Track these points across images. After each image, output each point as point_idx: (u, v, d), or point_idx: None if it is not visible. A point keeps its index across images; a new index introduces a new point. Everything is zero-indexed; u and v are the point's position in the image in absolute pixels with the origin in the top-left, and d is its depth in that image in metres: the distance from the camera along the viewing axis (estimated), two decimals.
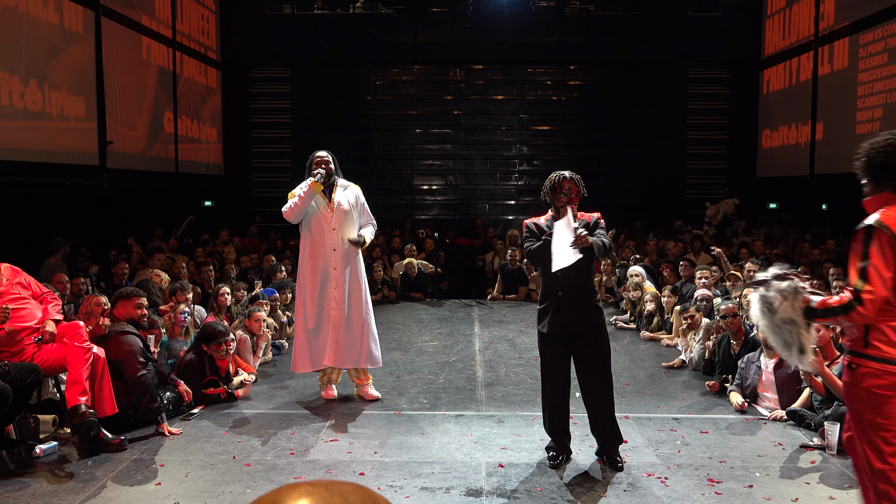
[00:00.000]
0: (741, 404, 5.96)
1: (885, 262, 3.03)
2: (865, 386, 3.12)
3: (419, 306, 10.88)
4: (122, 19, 10.31)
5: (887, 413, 3.06)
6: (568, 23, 14.60)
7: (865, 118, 10.56)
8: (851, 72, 10.90)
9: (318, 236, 6.07)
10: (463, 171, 15.35)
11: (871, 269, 3.05)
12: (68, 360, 5.09)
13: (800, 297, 3.29)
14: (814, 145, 12.02)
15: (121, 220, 10.86)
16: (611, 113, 14.70)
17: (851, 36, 10.93)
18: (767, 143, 14.05)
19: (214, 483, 4.51)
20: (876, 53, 10.30)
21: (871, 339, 3.10)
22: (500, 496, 4.35)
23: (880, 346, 3.08)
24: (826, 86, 11.76)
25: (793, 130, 12.94)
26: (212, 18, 13.96)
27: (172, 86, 12.11)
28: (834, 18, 11.46)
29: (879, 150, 3.29)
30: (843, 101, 11.10)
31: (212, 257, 10.74)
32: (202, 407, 5.99)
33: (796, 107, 12.69)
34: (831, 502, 4.27)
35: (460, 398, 6.34)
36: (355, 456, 4.98)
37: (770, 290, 3.37)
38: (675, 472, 4.70)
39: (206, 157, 13.81)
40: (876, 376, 3.09)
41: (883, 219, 3.12)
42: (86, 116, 9.32)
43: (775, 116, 13.72)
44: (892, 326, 3.09)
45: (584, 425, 5.57)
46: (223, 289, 8.00)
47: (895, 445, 3.05)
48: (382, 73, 15.23)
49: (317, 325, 6.08)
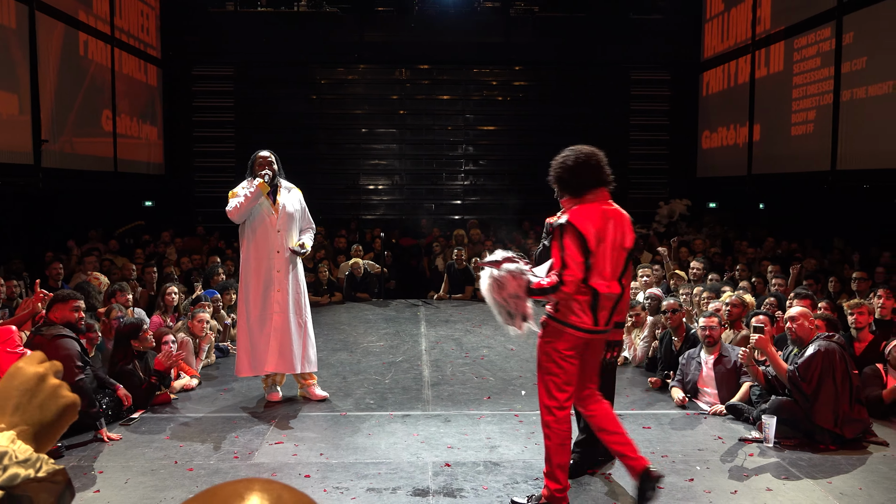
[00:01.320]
0: (682, 399, 6.09)
1: (575, 250, 3.86)
2: (551, 340, 4.00)
3: (365, 307, 10.83)
4: (57, 14, 10.01)
5: (559, 364, 3.97)
6: (513, 24, 14.71)
7: (800, 119, 10.87)
8: (786, 75, 11.21)
9: (261, 238, 5.98)
10: (409, 170, 15.32)
11: (567, 258, 3.87)
12: (1, 367, 4.92)
13: (524, 277, 3.96)
14: (751, 146, 12.33)
15: (58, 220, 10.57)
16: (555, 113, 14.82)
17: (786, 40, 11.24)
18: (707, 143, 14.36)
19: (156, 489, 4.42)
20: (809, 57, 10.61)
21: (561, 307, 3.97)
22: (446, 495, 4.35)
23: (566, 312, 3.95)
24: (763, 88, 12.07)
25: (731, 131, 13.25)
26: (152, 15, 13.67)
27: (111, 83, 11.82)
28: (770, 23, 11.77)
29: (558, 168, 4.11)
30: (779, 102, 11.41)
31: (153, 258, 10.51)
32: (142, 411, 5.86)
33: (734, 108, 13.00)
34: (769, 493, 4.39)
35: (407, 398, 6.33)
36: (301, 458, 4.93)
37: (501, 271, 3.97)
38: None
39: (146, 156, 13.51)
40: (560, 336, 3.97)
41: (570, 218, 3.92)
42: (19, 114, 9.02)
43: (714, 118, 14.03)
44: (580, 300, 3.92)
45: (531, 423, 5.62)
46: (170, 288, 7.87)
47: (563, 390, 3.99)
48: (327, 73, 15.11)
49: (259, 328, 6.00)
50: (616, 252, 4.01)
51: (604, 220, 3.97)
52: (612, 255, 3.99)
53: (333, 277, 11.37)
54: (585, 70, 14.90)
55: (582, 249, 3.88)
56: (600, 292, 3.93)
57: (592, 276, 3.92)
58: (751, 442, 5.23)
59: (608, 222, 3.98)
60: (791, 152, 11.07)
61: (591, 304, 3.94)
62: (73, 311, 5.57)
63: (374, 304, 10.97)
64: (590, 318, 3.96)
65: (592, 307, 3.95)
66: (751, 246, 11.09)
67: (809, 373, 5.19)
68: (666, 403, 6.21)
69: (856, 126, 9.47)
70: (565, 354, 3.99)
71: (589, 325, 3.97)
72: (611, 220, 4.00)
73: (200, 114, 14.82)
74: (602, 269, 3.95)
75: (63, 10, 10.17)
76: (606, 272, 3.97)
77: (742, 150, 12.63)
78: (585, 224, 3.91)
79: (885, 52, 8.90)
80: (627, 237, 4.07)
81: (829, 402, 5.14)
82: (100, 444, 5.17)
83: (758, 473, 4.71)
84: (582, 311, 3.95)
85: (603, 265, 3.95)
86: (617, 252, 4.02)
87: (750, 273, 9.37)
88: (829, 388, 5.15)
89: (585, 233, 3.89)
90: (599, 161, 4.08)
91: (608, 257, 3.97)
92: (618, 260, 4.03)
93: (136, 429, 5.53)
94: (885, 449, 5.14)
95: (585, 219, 3.92)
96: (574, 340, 3.98)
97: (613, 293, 4.01)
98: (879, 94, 8.98)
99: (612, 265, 4.00)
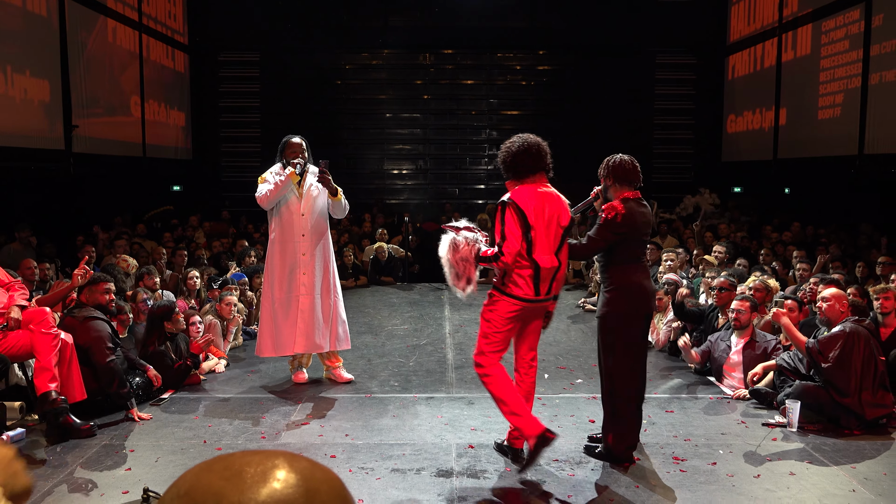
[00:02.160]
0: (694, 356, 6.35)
1: (515, 225, 4.29)
2: (494, 308, 4.41)
3: (390, 290, 10.87)
4: (86, 2, 10.09)
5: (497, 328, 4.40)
6: (537, 8, 14.59)
7: (827, 103, 10.71)
8: (814, 58, 11.03)
9: (287, 222, 6.00)
10: (433, 155, 15.31)
11: (507, 232, 4.29)
12: (36, 347, 5.01)
13: (477, 245, 4.44)
14: (777, 130, 12.17)
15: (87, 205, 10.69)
16: (579, 97, 14.72)
17: (814, 23, 11.05)
18: (732, 127, 14.20)
19: (185, 468, 4.45)
20: (837, 40, 10.43)
21: (506, 280, 4.36)
22: (470, 476, 4.38)
23: (510, 285, 4.35)
24: (789, 72, 11.89)
25: (757, 115, 13.09)
26: (179, 1, 13.72)
27: (139, 69, 11.91)
28: (798, 5, 11.58)
29: (504, 153, 4.53)
30: (806, 86, 11.25)
31: (181, 242, 10.62)
32: (172, 392, 5.95)
33: (760, 92, 12.83)
34: (792, 478, 4.37)
35: (431, 381, 6.37)
36: (326, 439, 4.98)
37: (459, 236, 4.47)
38: (641, 450, 4.76)
39: (174, 141, 13.61)
40: (502, 304, 4.39)
41: (512, 196, 4.37)
42: (50, 100, 9.13)
43: (740, 102, 13.85)
44: (520, 273, 4.32)
45: (554, 406, 5.63)
46: (192, 272, 7.98)
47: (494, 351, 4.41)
48: (352, 58, 15.10)
49: (285, 310, 6.03)
50: (553, 229, 4.41)
51: (541, 201, 4.39)
52: (550, 231, 4.40)
53: (358, 261, 11.42)
54: (609, 54, 14.75)
55: (522, 225, 4.30)
56: (541, 266, 4.34)
57: (535, 250, 4.33)
58: (774, 426, 5.20)
59: (545, 202, 4.40)
60: (818, 136, 10.92)
61: (532, 276, 4.36)
62: (103, 293, 5.66)
63: (398, 288, 11.01)
64: (531, 288, 4.37)
65: (534, 279, 4.37)
66: (775, 231, 10.98)
67: (829, 348, 5.16)
68: (689, 388, 6.19)
69: (884, 110, 9.31)
70: (505, 319, 4.41)
71: (530, 296, 4.38)
72: (547, 201, 4.42)
73: (227, 99, 14.90)
74: (541, 244, 4.36)
75: None
76: (546, 247, 4.39)
77: (768, 134, 12.47)
78: (525, 202, 4.33)
79: None
80: (563, 216, 4.46)
81: (850, 379, 5.10)
82: (131, 423, 5.26)
83: (781, 458, 4.69)
84: (524, 282, 4.36)
85: (542, 241, 4.36)
86: (554, 229, 4.42)
87: (774, 258, 9.29)
88: (851, 368, 5.11)
89: (525, 210, 4.31)
90: (541, 149, 4.51)
91: (546, 233, 4.38)
92: (555, 236, 4.43)
93: (165, 409, 5.61)
94: None
95: (525, 198, 4.35)
96: (514, 309, 4.40)
97: (552, 266, 4.41)
98: None
99: (550, 241, 4.40)
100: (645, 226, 4.59)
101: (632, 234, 4.50)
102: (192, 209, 12.84)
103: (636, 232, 4.52)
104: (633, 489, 4.21)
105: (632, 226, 4.47)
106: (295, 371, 6.34)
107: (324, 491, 0.86)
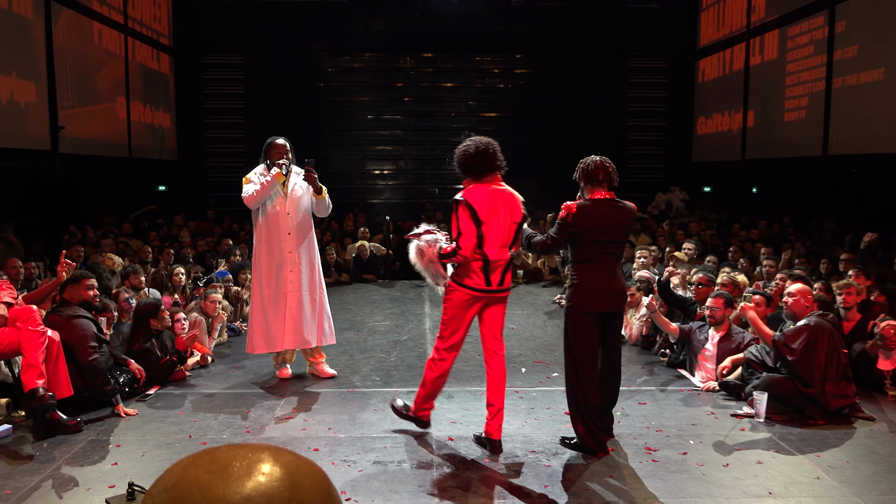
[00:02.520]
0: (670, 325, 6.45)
1: (468, 221, 4.52)
2: (450, 298, 4.67)
3: (371, 287, 10.85)
4: (72, 4, 9.97)
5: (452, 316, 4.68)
6: (514, 13, 14.61)
7: (793, 106, 10.81)
8: (780, 62, 11.14)
9: (273, 222, 6.00)
10: (413, 156, 15.29)
11: (462, 228, 4.51)
12: (23, 344, 4.95)
13: (438, 244, 4.72)
14: (745, 132, 12.28)
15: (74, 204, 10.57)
16: (555, 100, 14.77)
17: (780, 28, 11.16)
18: (702, 129, 14.30)
19: (171, 462, 4.42)
20: (803, 45, 10.54)
21: (461, 272, 4.62)
22: (449, 468, 4.38)
23: (465, 277, 4.61)
24: (757, 76, 12.00)
25: (726, 118, 13.19)
26: (164, 4, 13.59)
27: (125, 71, 11.78)
28: (765, 11, 11.69)
29: (460, 155, 4.69)
30: (773, 90, 11.35)
31: (167, 241, 10.53)
32: (158, 388, 5.90)
33: (729, 95, 12.93)
34: (759, 466, 4.41)
35: (411, 375, 6.36)
36: (310, 432, 4.96)
37: (421, 241, 4.77)
38: (615, 441, 4.79)
39: (159, 142, 13.49)
40: (457, 294, 4.64)
41: (464, 195, 4.57)
42: (36, 101, 9.01)
43: (710, 104, 13.96)
44: (474, 266, 4.57)
45: (531, 399, 5.64)
46: (177, 269, 7.92)
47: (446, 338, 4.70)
48: (334, 61, 15.04)
49: (274, 307, 6.03)
50: (506, 224, 4.60)
51: (494, 198, 4.58)
52: (502, 226, 4.59)
53: (341, 259, 11.39)
54: (584, 58, 14.81)
55: (474, 220, 4.52)
56: (490, 258, 4.57)
57: (485, 243, 4.55)
58: (742, 417, 5.26)
59: (498, 200, 4.59)
60: (784, 138, 11.03)
61: (483, 267, 4.58)
62: (87, 289, 5.60)
63: (379, 286, 10.99)
64: (482, 279, 4.60)
65: (485, 270, 4.59)
66: (743, 228, 11.08)
67: (795, 342, 5.23)
68: (661, 380, 6.24)
69: (847, 112, 9.42)
70: (458, 307, 4.65)
71: (482, 286, 4.61)
72: (500, 198, 4.61)
73: (211, 101, 14.79)
74: (493, 238, 4.56)
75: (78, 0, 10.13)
76: (497, 241, 4.58)
77: (736, 135, 12.58)
78: (477, 200, 4.54)
79: (876, 40, 8.84)
80: (516, 213, 4.65)
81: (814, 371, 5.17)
82: (117, 419, 5.21)
83: (749, 447, 4.74)
84: (476, 274, 4.59)
85: (493, 235, 4.56)
86: (507, 224, 4.61)
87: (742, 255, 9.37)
88: (815, 360, 5.18)
89: (476, 207, 4.52)
90: (494, 150, 4.65)
91: (498, 228, 4.57)
92: (507, 231, 4.62)
93: (151, 404, 5.57)
94: (872, 424, 5.16)
95: (477, 196, 4.56)
96: (466, 298, 4.63)
97: (503, 259, 4.63)
98: (870, 80, 8.93)
99: (502, 235, 4.60)
100: (607, 227, 4.57)
101: (585, 234, 4.54)
102: (177, 208, 12.74)
103: (590, 232, 4.53)
104: (608, 478, 4.24)
105: (583, 225, 4.52)
106: (279, 367, 6.32)
107: (308, 484, 0.86)
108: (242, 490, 0.83)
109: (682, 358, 6.52)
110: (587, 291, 4.56)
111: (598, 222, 4.55)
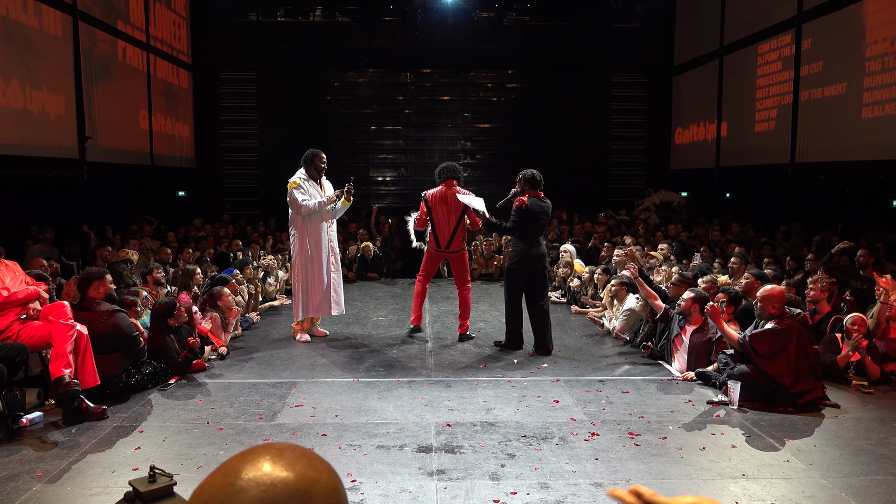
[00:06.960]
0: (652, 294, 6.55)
1: (423, 208, 7.08)
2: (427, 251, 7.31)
3: (375, 285, 10.83)
4: (98, 24, 9.92)
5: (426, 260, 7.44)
6: (506, 32, 14.59)
7: (763, 118, 10.81)
8: (751, 77, 11.13)
9: (317, 218, 7.08)
10: (413, 164, 15.26)
11: (421, 212, 7.07)
12: (53, 336, 4.95)
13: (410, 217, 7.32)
14: (719, 141, 12.27)
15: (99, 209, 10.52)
16: (544, 113, 14.76)
17: (750, 46, 11.15)
18: (679, 139, 14.29)
19: (190, 446, 4.43)
20: (772, 62, 10.54)
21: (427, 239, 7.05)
22: (447, 452, 4.37)
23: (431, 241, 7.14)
24: (729, 89, 11.99)
25: (701, 128, 13.19)
26: (183, 24, 13.54)
27: (147, 86, 11.74)
28: (736, 30, 11.68)
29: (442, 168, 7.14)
30: (744, 102, 11.35)
31: (185, 242, 10.49)
32: (177, 378, 5.87)
33: (704, 108, 12.93)
34: (733, 450, 4.40)
35: (412, 366, 6.35)
36: (318, 419, 4.94)
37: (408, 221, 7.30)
38: (600, 427, 4.78)
39: (179, 151, 13.44)
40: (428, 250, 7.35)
41: (426, 193, 7.09)
42: (65, 114, 8.97)
43: (686, 116, 13.95)
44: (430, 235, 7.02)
45: (523, 388, 5.62)
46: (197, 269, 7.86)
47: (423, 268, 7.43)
48: (340, 76, 15.00)
49: (322, 283, 7.12)
50: (450, 213, 7.02)
51: (444, 195, 7.03)
52: (447, 214, 7.02)
53: (345, 259, 11.36)
54: (571, 74, 14.80)
55: (427, 207, 7.08)
56: (439, 234, 7.07)
57: (436, 225, 7.07)
58: (717, 404, 5.24)
59: (446, 196, 7.02)
60: (755, 147, 11.02)
61: (435, 238, 7.11)
62: (110, 284, 5.64)
63: (382, 283, 10.97)
64: (435, 244, 7.16)
65: (436, 239, 7.12)
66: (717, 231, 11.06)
67: (761, 343, 5.20)
68: (643, 371, 6.22)
69: (813, 123, 9.42)
70: (428, 256, 7.32)
71: (435, 247, 7.19)
72: (448, 196, 7.00)
73: (227, 113, 14.74)
74: (440, 221, 7.06)
75: (103, 20, 10.09)
76: (443, 223, 7.06)
77: (711, 144, 12.57)
78: (431, 197, 7.09)
79: (839, 57, 8.84)
80: (458, 206, 6.94)
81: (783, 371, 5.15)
82: (140, 406, 5.19)
83: (724, 432, 4.72)
84: (433, 240, 7.16)
85: (440, 219, 7.05)
86: (450, 213, 7.01)
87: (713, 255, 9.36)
88: (784, 361, 5.16)
89: (430, 200, 7.07)
90: (455, 166, 7.20)
91: (444, 214, 7.03)
92: (449, 217, 7.03)
93: (171, 394, 5.54)
94: (838, 411, 5.16)
95: (433, 194, 7.09)
96: (430, 253, 7.29)
97: (448, 233, 7.06)
98: (834, 94, 8.93)
99: (447, 220, 7.04)
100: (541, 215, 6.63)
101: (529, 218, 6.55)
102: (195, 212, 12.72)
103: (532, 217, 6.57)
104: (593, 461, 4.22)
105: (528, 214, 6.54)
106: (301, 334, 7.27)
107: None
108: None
109: (661, 349, 6.50)
110: (520, 256, 6.62)
111: (536, 211, 6.56)
